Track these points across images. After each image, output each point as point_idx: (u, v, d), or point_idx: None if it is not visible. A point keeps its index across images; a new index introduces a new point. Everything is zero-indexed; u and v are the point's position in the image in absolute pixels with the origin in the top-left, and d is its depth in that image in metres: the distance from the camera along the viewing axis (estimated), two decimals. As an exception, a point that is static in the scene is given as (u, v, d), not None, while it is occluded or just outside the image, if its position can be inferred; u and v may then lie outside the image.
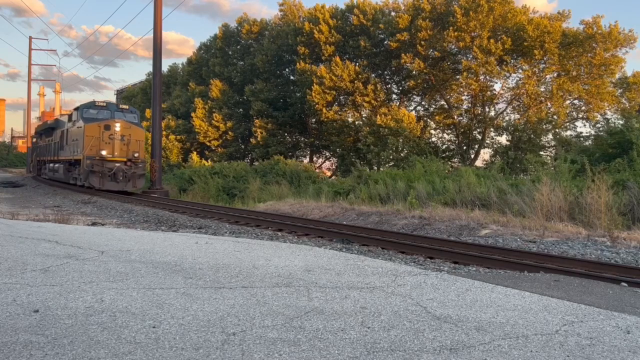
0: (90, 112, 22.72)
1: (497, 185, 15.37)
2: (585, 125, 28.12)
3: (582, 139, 24.36)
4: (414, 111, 30.39)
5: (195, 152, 34.11)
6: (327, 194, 18.87)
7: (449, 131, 29.30)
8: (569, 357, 3.14)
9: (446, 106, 28.72)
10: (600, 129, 21.25)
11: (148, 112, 34.75)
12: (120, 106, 24.12)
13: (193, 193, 24.27)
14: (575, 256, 8.70)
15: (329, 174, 32.64)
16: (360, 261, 6.26)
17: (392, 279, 5.22)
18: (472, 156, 27.16)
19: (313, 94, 27.38)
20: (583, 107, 26.39)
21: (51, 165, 29.04)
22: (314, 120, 32.69)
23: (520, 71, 26.17)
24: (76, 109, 23.95)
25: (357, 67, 27.87)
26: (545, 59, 24.39)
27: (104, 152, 21.35)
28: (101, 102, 23.56)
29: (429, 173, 18.50)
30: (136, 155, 22.09)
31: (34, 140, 43.29)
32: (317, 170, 29.94)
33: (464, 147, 27.85)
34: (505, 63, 25.42)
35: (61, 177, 26.03)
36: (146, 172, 23.40)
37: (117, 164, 21.66)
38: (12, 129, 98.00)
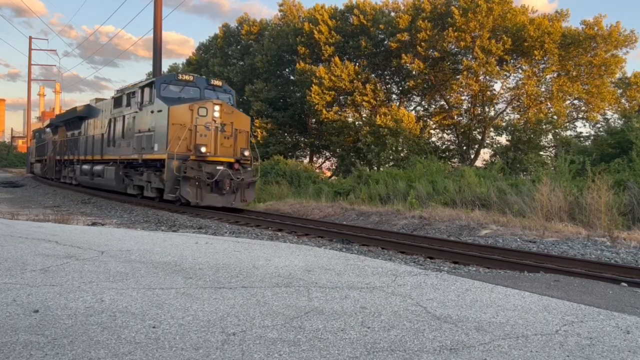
0: (171, 89, 15.66)
1: (497, 185, 15.38)
2: (585, 125, 28.15)
3: (582, 139, 24.37)
4: (413, 111, 30.40)
5: None
6: (327, 194, 18.88)
7: (449, 131, 29.31)
8: (569, 357, 3.14)
9: (446, 106, 28.72)
10: (600, 129, 21.26)
11: None
12: (212, 82, 16.50)
13: None
14: (575, 256, 8.71)
15: (329, 174, 32.64)
16: (360, 261, 6.26)
17: (392, 279, 5.22)
18: (472, 156, 27.16)
19: (312, 95, 27.38)
20: (583, 107, 26.40)
21: (85, 167, 21.90)
22: (313, 120, 32.69)
23: (520, 71, 26.17)
24: (148, 84, 16.11)
25: (356, 67, 27.87)
26: (545, 59, 24.39)
27: (203, 149, 14.21)
28: (186, 75, 16.47)
29: (429, 173, 18.50)
30: (246, 153, 15.18)
31: (42, 136, 36.54)
32: (317, 171, 29.94)
33: (464, 147, 27.85)
34: (505, 63, 25.43)
35: (108, 183, 18.89)
36: (258, 177, 16.77)
37: (220, 167, 14.54)
38: (12, 129, 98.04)
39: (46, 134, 34.29)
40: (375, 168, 25.55)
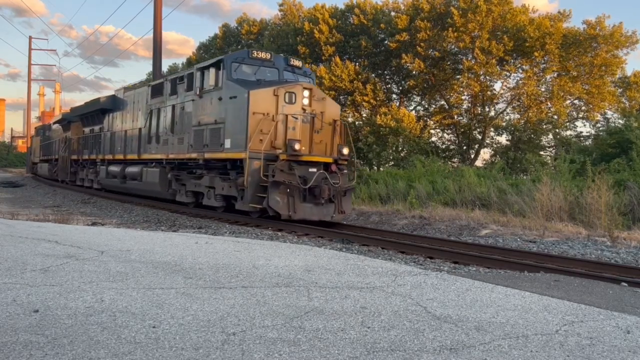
0: (244, 69, 12.46)
1: (497, 185, 15.38)
2: (585, 125, 28.14)
3: (582, 138, 24.36)
4: (414, 111, 30.40)
5: None
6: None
7: (449, 131, 29.31)
8: (569, 357, 3.14)
9: (446, 106, 28.73)
10: (601, 128, 21.27)
11: None
12: (292, 61, 13.35)
13: None
14: (575, 256, 8.70)
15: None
16: (360, 261, 6.26)
17: (392, 279, 5.22)
18: (472, 156, 27.16)
19: (312, 95, 27.30)
20: (583, 107, 26.40)
21: (113, 168, 18.82)
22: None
23: (520, 71, 26.17)
24: (213, 64, 12.85)
25: (357, 67, 27.87)
26: (545, 59, 24.39)
27: (297, 146, 11.17)
28: (262, 52, 13.14)
29: (430, 173, 18.51)
30: (345, 152, 12.01)
31: (47, 134, 33.78)
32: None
33: (464, 147, 27.85)
34: (505, 63, 25.42)
35: (149, 188, 15.99)
36: (355, 182, 13.57)
37: (313, 169, 11.46)
38: (12, 129, 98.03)
39: (53, 131, 31.73)
40: (376, 168, 25.55)
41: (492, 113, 27.78)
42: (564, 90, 24.52)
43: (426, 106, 31.38)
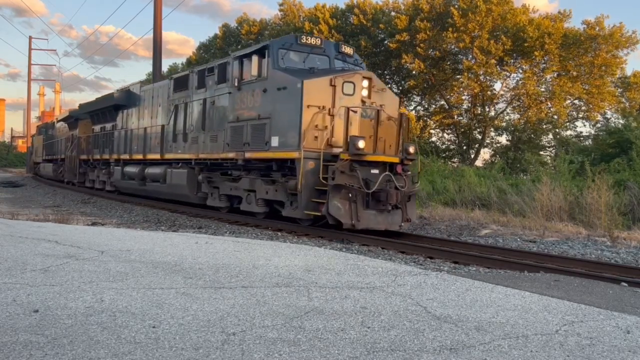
0: (292, 57, 11.13)
1: (497, 185, 15.40)
2: (585, 125, 28.14)
3: (582, 138, 24.36)
4: (414, 111, 30.40)
5: None
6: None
7: (449, 131, 29.32)
8: (569, 357, 3.14)
9: (446, 106, 28.73)
10: (602, 128, 21.27)
11: None
12: (343, 48, 11.78)
13: None
14: (575, 256, 8.70)
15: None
16: (360, 261, 6.26)
17: (392, 278, 5.22)
18: (472, 156, 27.17)
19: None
20: (583, 107, 26.41)
21: (130, 169, 17.54)
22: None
23: (520, 71, 26.18)
24: (256, 51, 11.42)
25: (357, 67, 27.84)
26: (545, 59, 24.40)
27: (361, 144, 9.61)
28: (312, 38, 11.62)
29: (429, 173, 18.52)
30: (411, 150, 10.45)
31: (51, 132, 32.20)
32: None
33: (464, 147, 27.86)
34: (505, 63, 25.43)
35: (174, 191, 14.67)
36: (419, 185, 11.74)
37: (375, 170, 9.95)
38: (12, 129, 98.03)
39: (57, 130, 30.27)
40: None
41: (492, 113, 27.80)
42: (564, 90, 24.52)
43: (426, 106, 31.39)
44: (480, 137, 27.45)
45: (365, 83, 10.47)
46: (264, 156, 10.97)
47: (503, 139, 26.69)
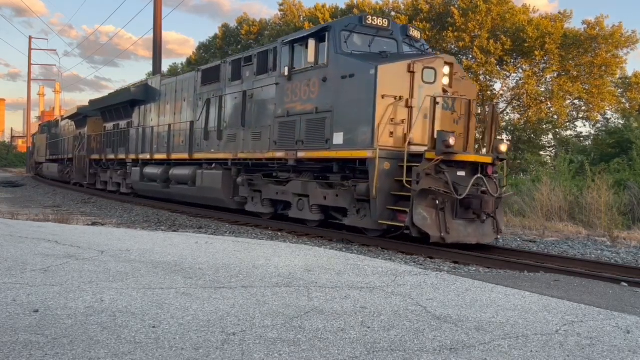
0: (355, 41, 9.72)
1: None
2: (585, 125, 28.13)
3: (582, 139, 24.36)
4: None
5: None
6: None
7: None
8: (569, 357, 3.14)
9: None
10: (602, 128, 21.27)
11: None
12: (410, 30, 10.38)
13: None
14: (575, 256, 8.70)
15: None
16: (360, 261, 6.26)
17: (392, 279, 5.22)
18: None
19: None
20: (583, 107, 26.41)
21: (151, 170, 16.20)
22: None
23: (520, 71, 26.18)
24: (314, 33, 10.04)
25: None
26: (545, 59, 24.40)
27: (452, 141, 8.22)
28: (378, 18, 10.08)
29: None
30: (503, 148, 9.03)
31: (54, 131, 30.73)
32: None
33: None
34: (505, 63, 25.43)
35: (205, 195, 13.27)
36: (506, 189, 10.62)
37: (462, 173, 8.59)
38: (12, 129, 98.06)
39: (61, 128, 28.90)
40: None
41: (492, 113, 27.77)
42: (563, 90, 24.52)
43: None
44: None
45: (447, 69, 9.17)
46: (324, 156, 9.56)
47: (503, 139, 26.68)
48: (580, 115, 26.73)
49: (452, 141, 8.15)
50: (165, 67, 47.82)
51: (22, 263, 5.14)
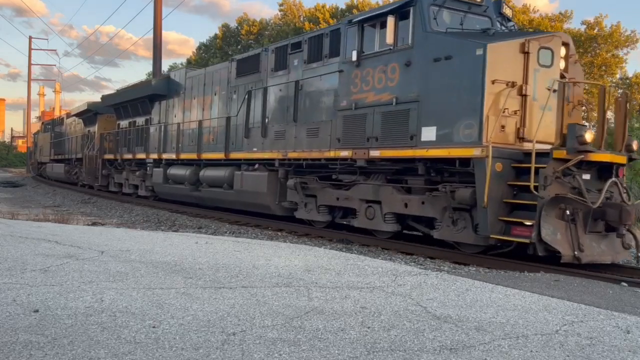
0: (444, 18, 8.48)
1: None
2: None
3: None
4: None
5: None
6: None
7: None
8: (569, 357, 3.14)
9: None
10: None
11: None
12: (504, 7, 9.14)
13: None
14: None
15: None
16: (360, 261, 6.26)
17: (392, 278, 5.22)
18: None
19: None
20: (583, 107, 26.40)
21: (176, 171, 14.89)
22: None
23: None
24: (392, 10, 8.58)
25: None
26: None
27: (587, 136, 6.82)
28: None
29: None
30: (634, 146, 7.65)
31: (59, 129, 29.26)
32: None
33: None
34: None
35: (251, 200, 11.72)
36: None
37: (587, 176, 7.28)
38: (12, 129, 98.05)
39: (66, 126, 27.75)
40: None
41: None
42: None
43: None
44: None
45: (563, 51, 7.88)
46: (408, 155, 8.24)
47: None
48: (581, 115, 26.74)
49: (588, 137, 6.82)
50: (165, 67, 47.84)
51: (22, 263, 5.14)
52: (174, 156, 15.19)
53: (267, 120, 11.29)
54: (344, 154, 9.30)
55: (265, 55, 11.72)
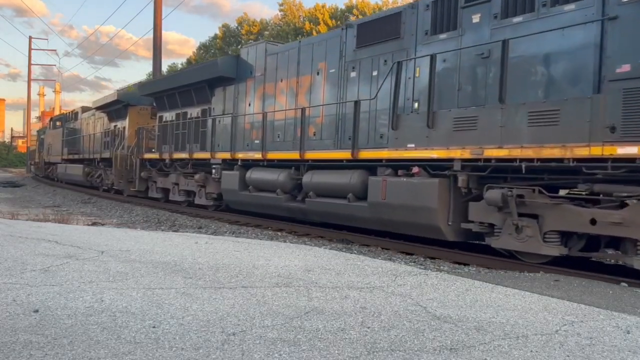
0: None
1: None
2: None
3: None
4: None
5: None
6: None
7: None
8: (569, 357, 3.14)
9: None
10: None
11: None
12: None
13: None
14: (575, 256, 8.58)
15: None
16: (360, 261, 6.26)
17: (392, 278, 5.23)
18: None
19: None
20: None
21: (260, 175, 11.71)
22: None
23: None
24: None
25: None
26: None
27: None
28: None
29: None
30: None
31: (72, 125, 26.34)
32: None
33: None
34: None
35: (406, 217, 8.35)
36: None
37: None
38: (12, 129, 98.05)
39: (82, 122, 24.99)
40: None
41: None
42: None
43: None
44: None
45: None
46: None
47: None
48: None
49: None
50: (165, 67, 47.85)
51: (22, 263, 5.14)
52: (257, 156, 11.75)
53: (431, 103, 7.95)
54: (628, 151, 5.83)
55: (411, 14, 8.75)
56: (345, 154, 9.53)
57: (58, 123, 29.59)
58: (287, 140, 11.29)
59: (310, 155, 10.43)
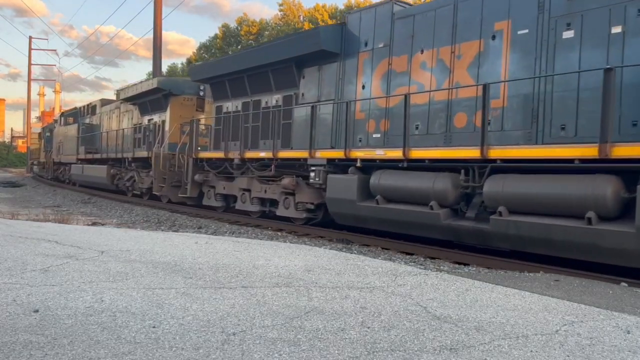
0: None
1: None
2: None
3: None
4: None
5: None
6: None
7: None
8: (569, 357, 3.14)
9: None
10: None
11: None
12: None
13: None
14: (575, 256, 8.55)
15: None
16: (360, 261, 6.26)
17: (392, 278, 5.22)
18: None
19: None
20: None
21: (393, 182, 8.54)
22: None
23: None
24: None
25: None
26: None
27: None
28: None
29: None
30: None
31: (88, 120, 23.21)
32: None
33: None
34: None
35: None
36: None
37: None
38: (12, 129, 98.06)
39: (101, 116, 22.06)
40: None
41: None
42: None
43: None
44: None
45: None
46: None
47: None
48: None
49: None
50: (165, 67, 47.87)
51: (22, 263, 5.14)
52: (394, 154, 8.58)
53: None
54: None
55: None
56: (586, 150, 6.26)
57: (70, 119, 25.74)
58: (434, 133, 8.45)
59: (499, 152, 7.16)
